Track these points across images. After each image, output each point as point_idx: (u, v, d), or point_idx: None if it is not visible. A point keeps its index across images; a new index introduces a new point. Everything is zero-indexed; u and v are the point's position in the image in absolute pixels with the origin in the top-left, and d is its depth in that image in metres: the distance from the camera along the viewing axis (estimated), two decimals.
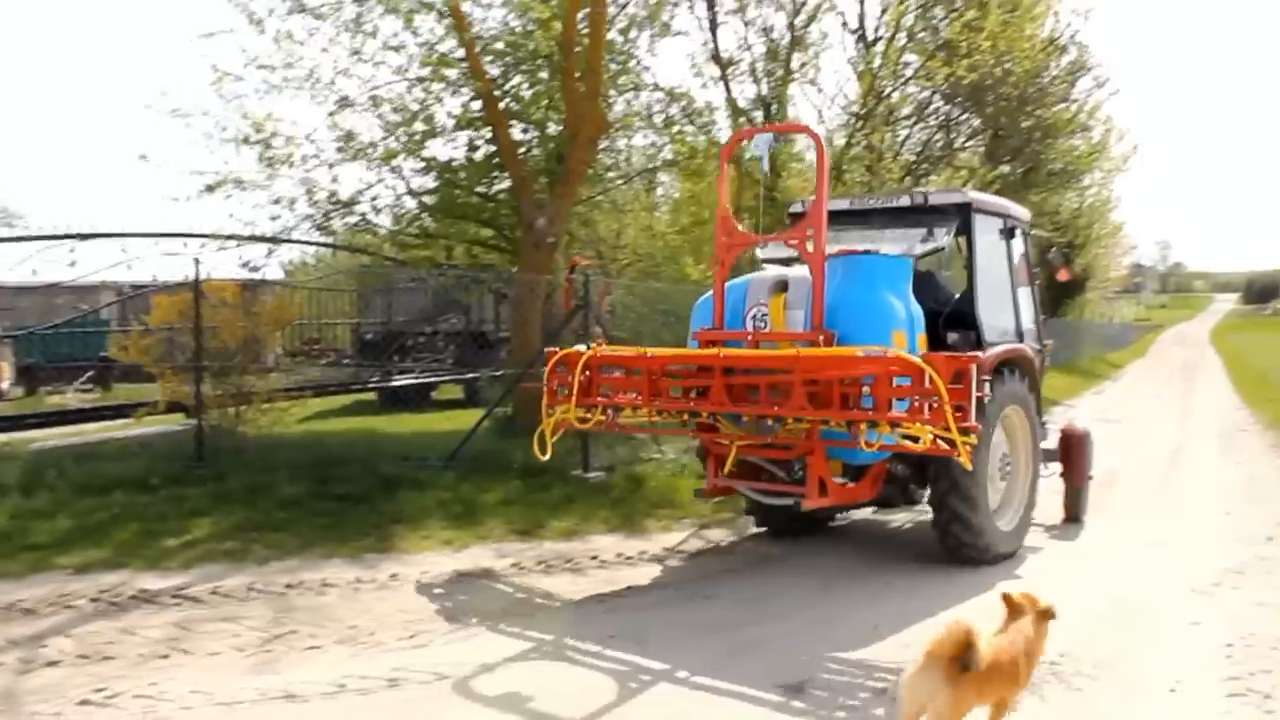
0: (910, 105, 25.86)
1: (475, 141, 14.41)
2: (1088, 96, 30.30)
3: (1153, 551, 9.41)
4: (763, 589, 8.00)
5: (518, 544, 9.18)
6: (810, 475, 7.98)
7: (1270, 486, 13.15)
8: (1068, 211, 38.97)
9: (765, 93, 19.83)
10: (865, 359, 7.19)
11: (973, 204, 9.26)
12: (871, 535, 10.28)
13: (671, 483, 11.60)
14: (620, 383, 8.57)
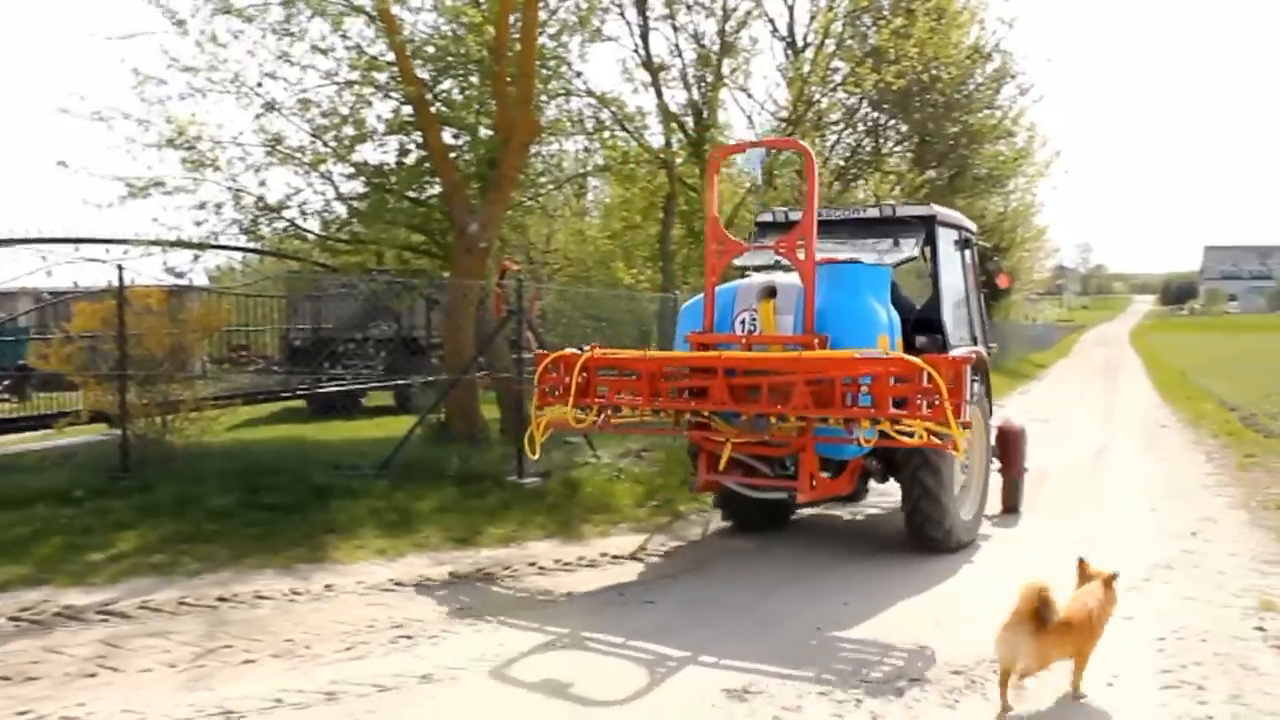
0: (839, 111, 26.16)
1: (406, 146, 14.27)
2: (1012, 103, 30.94)
3: (1083, 548, 9.55)
4: (705, 592, 8.02)
5: (454, 552, 9.09)
6: (802, 470, 8.45)
7: (1191, 483, 13.49)
8: (993, 215, 39.64)
9: (697, 98, 19.88)
10: (866, 360, 7.73)
11: (936, 217, 9.98)
12: (817, 531, 10.39)
13: (607, 487, 11.59)
14: (618, 384, 8.96)
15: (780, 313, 8.76)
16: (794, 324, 8.66)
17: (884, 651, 6.44)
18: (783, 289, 8.84)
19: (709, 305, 9.10)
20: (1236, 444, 17.00)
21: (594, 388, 8.88)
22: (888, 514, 11.50)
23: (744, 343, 8.74)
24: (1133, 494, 12.78)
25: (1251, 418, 20.52)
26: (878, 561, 9.12)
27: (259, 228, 14.00)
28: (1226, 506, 11.70)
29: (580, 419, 8.89)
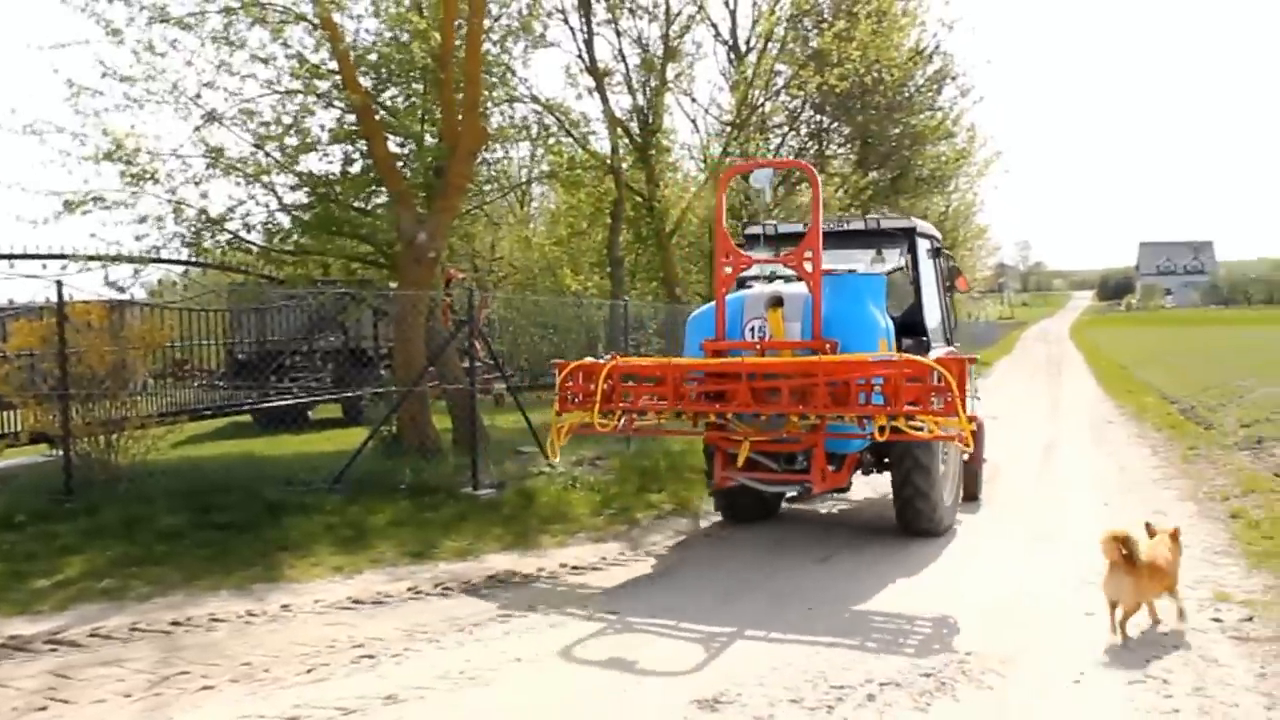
0: (782, 114, 26.30)
1: (351, 155, 14.09)
2: (953, 105, 31.28)
3: (1041, 544, 9.69)
4: (668, 601, 7.97)
5: (412, 566, 8.97)
6: (815, 464, 9.21)
7: (1140, 476, 13.69)
8: (935, 215, 40.07)
9: (642, 103, 19.88)
10: (882, 362, 8.53)
11: (916, 229, 10.96)
12: (788, 529, 10.42)
13: (563, 497, 11.51)
14: (642, 389, 9.63)
15: (788, 320, 9.52)
16: (801, 330, 9.44)
17: (852, 656, 6.43)
18: (789, 298, 9.60)
19: (720, 314, 9.70)
20: (1179, 437, 17.28)
21: (618, 394, 9.47)
22: (856, 507, 11.94)
23: (759, 349, 9.46)
24: (1085, 488, 12.94)
25: (1191, 410, 20.89)
26: (839, 562, 9.14)
27: (202, 241, 13.74)
28: (1175, 499, 11.88)
29: (604, 423, 9.37)
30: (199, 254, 14.11)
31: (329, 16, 12.60)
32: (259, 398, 18.64)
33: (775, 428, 9.15)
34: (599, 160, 18.77)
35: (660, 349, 22.86)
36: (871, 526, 10.79)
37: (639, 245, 23.49)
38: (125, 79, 13.04)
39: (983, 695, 5.48)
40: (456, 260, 18.60)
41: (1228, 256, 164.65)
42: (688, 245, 25.30)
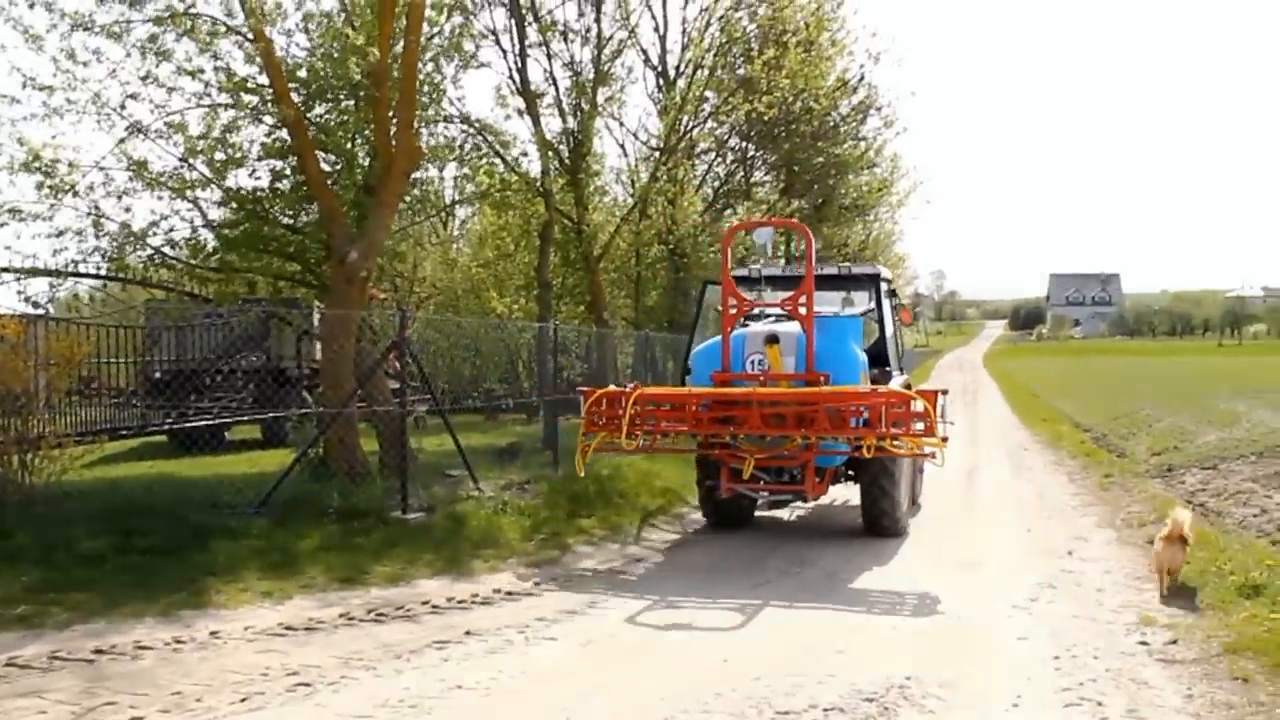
0: (710, 140, 26.53)
1: (281, 171, 13.88)
2: (876, 135, 31.75)
3: (970, 571, 9.89)
4: (605, 627, 7.95)
5: (342, 592, 8.82)
6: (809, 477, 10.98)
7: (1060, 502, 14.06)
8: (855, 243, 40.64)
9: (573, 126, 19.91)
10: (871, 393, 10.36)
11: (880, 274, 13.02)
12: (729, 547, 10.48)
13: (493, 521, 11.42)
14: (664, 414, 11.22)
15: (784, 355, 11.18)
16: (796, 364, 11.13)
17: (794, 682, 6.47)
18: (784, 336, 11.29)
19: (726, 349, 11.35)
20: (1094, 464, 17.75)
21: (643, 418, 10.97)
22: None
23: (761, 380, 11.07)
24: (1008, 514, 13.25)
25: (1104, 439, 21.45)
26: (776, 588, 9.21)
27: (124, 256, 13.40)
28: (1095, 525, 12.21)
29: (629, 443, 10.82)
30: (120, 269, 13.75)
31: (262, 30, 12.42)
32: (177, 417, 18.19)
33: (777, 447, 10.83)
34: (529, 182, 18.73)
35: (584, 373, 22.92)
36: (810, 542, 10.91)
37: (567, 268, 23.48)
38: (44, 88, 12.69)
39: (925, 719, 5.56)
40: (378, 281, 18.38)
41: (1133, 289, 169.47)
42: (615, 270, 25.35)
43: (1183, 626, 7.62)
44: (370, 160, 13.87)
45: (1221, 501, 12.70)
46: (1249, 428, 19.32)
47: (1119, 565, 9.98)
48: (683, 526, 12.86)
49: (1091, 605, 8.43)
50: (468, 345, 26.77)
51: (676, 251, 24.13)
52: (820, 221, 31.42)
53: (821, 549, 11.28)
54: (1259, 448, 16.41)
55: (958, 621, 8.01)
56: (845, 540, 11.90)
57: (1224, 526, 11.27)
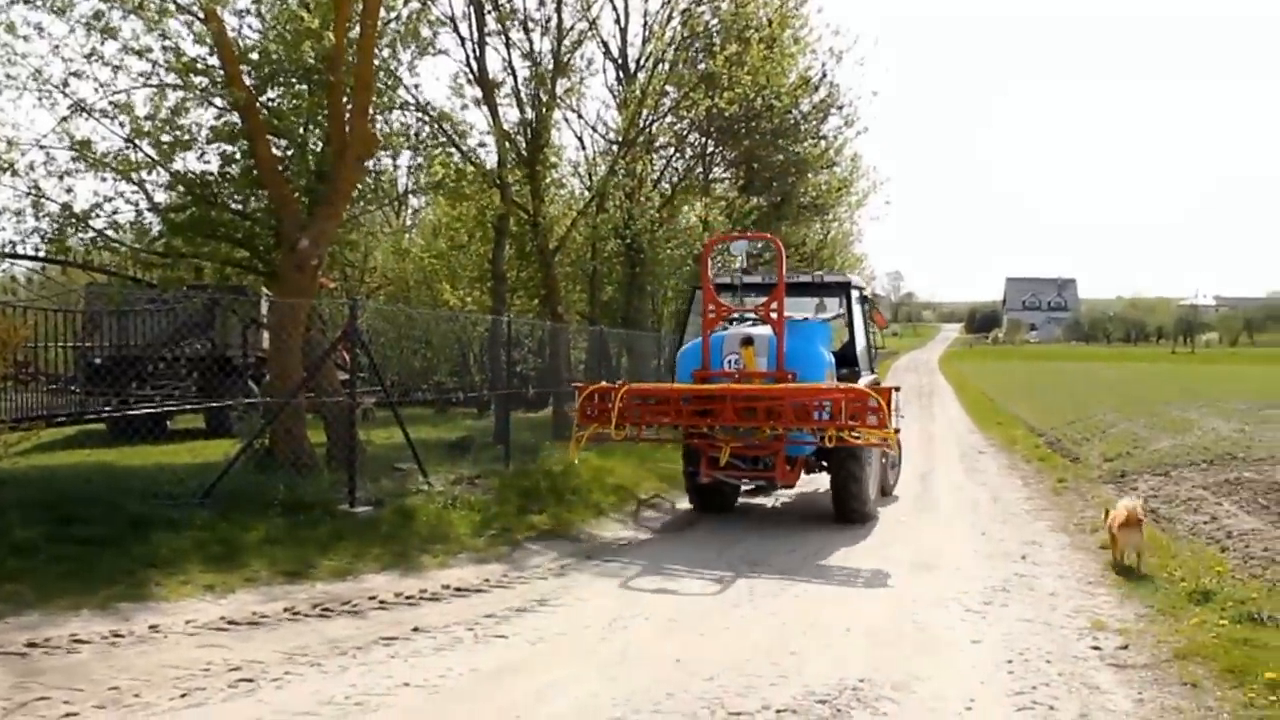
0: (669, 135, 26.52)
1: (231, 155, 13.69)
2: (837, 134, 31.83)
3: (924, 574, 9.99)
4: (556, 625, 7.95)
5: (287, 586, 8.74)
6: (779, 465, 12.40)
7: (1014, 507, 14.25)
8: (814, 243, 40.79)
9: (530, 117, 19.81)
10: (832, 389, 11.86)
11: (850, 283, 14.46)
12: (695, 540, 10.45)
13: (443, 516, 11.38)
14: (648, 407, 12.74)
15: (758, 355, 12.61)
16: (768, 363, 12.59)
17: (747, 683, 6.49)
18: (758, 338, 12.68)
19: (706, 350, 12.84)
20: (1048, 469, 18.02)
21: (629, 411, 12.49)
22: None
23: (736, 377, 12.51)
24: (962, 517, 13.42)
25: (1058, 444, 21.77)
26: (732, 588, 9.25)
27: (64, 238, 13.15)
28: (1048, 530, 12.40)
29: (619, 433, 12.43)
30: (60, 251, 13.49)
31: (213, 10, 12.25)
32: (117, 405, 17.90)
33: (749, 437, 12.25)
34: (485, 173, 18.63)
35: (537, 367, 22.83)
36: (770, 539, 10.96)
37: (521, 261, 23.38)
38: None
39: None
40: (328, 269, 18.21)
41: (1089, 294, 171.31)
42: (570, 264, 25.29)
43: (1134, 632, 7.75)
44: (323, 146, 13.72)
45: (1173, 508, 12.93)
46: (1200, 435, 19.69)
47: (1072, 570, 10.14)
48: (636, 524, 12.88)
49: (1045, 609, 8.55)
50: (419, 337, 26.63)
51: (633, 246, 24.06)
52: (778, 220, 31.46)
53: (779, 546, 11.41)
54: (1210, 455, 16.74)
55: (912, 624, 8.09)
56: (805, 535, 12.19)
57: (1175, 533, 11.50)
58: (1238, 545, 10.44)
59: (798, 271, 15.57)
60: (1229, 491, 13.52)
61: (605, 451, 15.47)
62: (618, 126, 24.57)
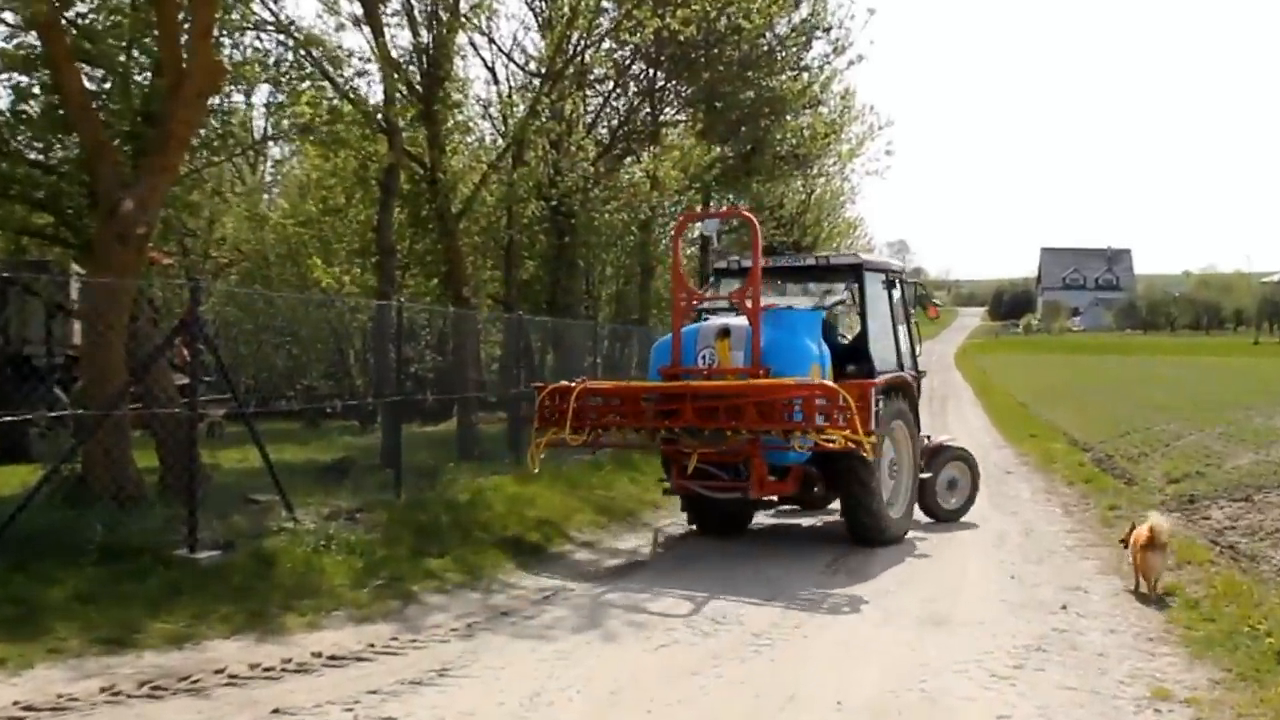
0: (608, 66, 26.52)
1: (28, 89, 13.49)
2: (824, 64, 31.98)
3: (937, 629, 10.05)
4: (458, 703, 7.91)
5: (106, 658, 8.65)
6: (754, 474, 13.40)
7: (1050, 541, 14.42)
8: (794, 204, 41.01)
9: (427, 41, 19.71)
10: (796, 385, 12.82)
11: (863, 265, 15.34)
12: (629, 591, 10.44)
13: (313, 562, 11.33)
14: (606, 408, 14.11)
15: (734, 349, 13.79)
16: (744, 358, 13.69)
17: None
18: (734, 330, 13.95)
19: (676, 343, 14.17)
20: (1095, 493, 18.25)
21: (586, 412, 13.80)
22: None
23: (705, 374, 13.80)
24: (985, 556, 13.57)
25: (1108, 461, 22.05)
26: (684, 652, 9.26)
27: None
28: (1096, 572, 12.54)
29: (575, 437, 13.71)
30: None
31: None
32: None
33: (718, 442, 13.20)
34: (367, 114, 18.53)
35: (437, 367, 22.77)
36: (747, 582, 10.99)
37: (416, 229, 23.31)
38: None
39: None
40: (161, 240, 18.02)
41: (1147, 269, 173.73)
42: (480, 233, 25.21)
43: (1206, 703, 7.85)
44: (152, 78, 13.59)
45: (1256, 542, 13.11)
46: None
47: (1127, 622, 10.25)
48: (565, 568, 12.88)
49: (1091, 674, 8.62)
50: (282, 329, 26.48)
51: (561, 210, 24.09)
52: (749, 175, 31.66)
53: (754, 591, 11.50)
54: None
55: (920, 695, 8.13)
56: (790, 576, 12.36)
57: (1259, 574, 11.64)
58: None
59: (801, 256, 17.42)
60: None
61: (527, 476, 15.43)
62: (540, 54, 24.56)
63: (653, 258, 30.64)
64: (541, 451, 13.96)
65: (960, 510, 16.56)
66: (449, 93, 20.43)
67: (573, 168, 24.19)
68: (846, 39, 31.38)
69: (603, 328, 27.33)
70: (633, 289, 33.51)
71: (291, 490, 12.96)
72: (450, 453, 18.39)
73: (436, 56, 19.84)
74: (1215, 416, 26.32)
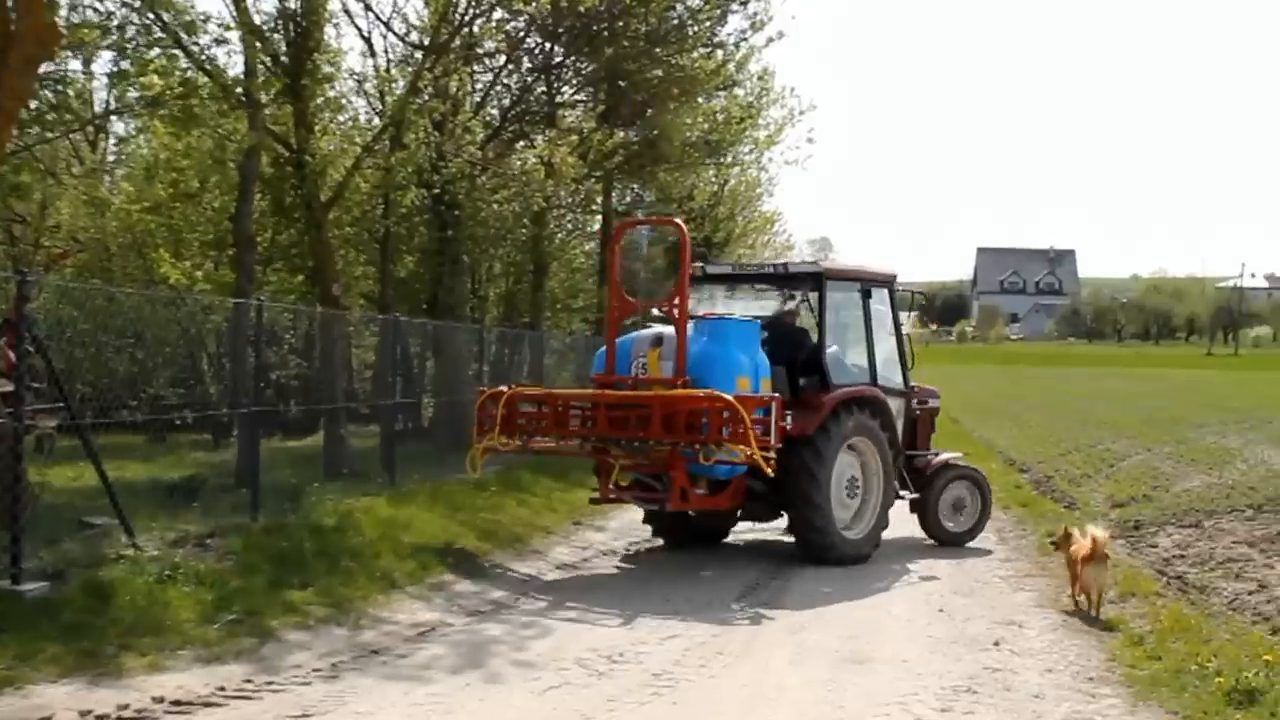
0: (499, 39, 26.44)
1: None
2: (740, 40, 31.99)
3: (857, 669, 10.13)
4: None
5: None
6: (673, 485, 14.15)
7: (983, 573, 14.64)
8: (705, 196, 41.14)
9: (294, 5, 19.51)
10: (697, 396, 13.94)
11: (824, 272, 16.29)
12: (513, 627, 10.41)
13: (156, 594, 11.12)
14: (534, 415, 15.59)
15: (664, 359, 14.87)
16: (673, 368, 14.66)
17: None
18: (666, 339, 14.96)
19: (610, 352, 15.45)
20: (1032, 518, 18.58)
21: (514, 419, 15.29)
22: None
23: (631, 383, 15.02)
24: (911, 587, 13.77)
25: (1047, 482, 22.43)
26: (571, 695, 9.25)
27: None
28: (1032, 605, 12.74)
29: (506, 443, 15.17)
30: None
31: None
32: None
33: (642, 451, 14.40)
34: (225, 88, 18.33)
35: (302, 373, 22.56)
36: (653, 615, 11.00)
37: (280, 219, 23.11)
38: None
39: None
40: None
41: (1093, 272, 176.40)
42: (353, 224, 25.05)
43: None
44: None
45: (1206, 573, 13.35)
46: (1245, 470, 20.46)
47: (1065, 660, 10.41)
48: (445, 602, 12.82)
49: (1026, 718, 8.74)
50: (125, 329, 26.01)
51: (444, 199, 23.98)
52: (655, 163, 31.72)
53: (658, 626, 11.52)
54: (1257, 498, 17.34)
55: None
56: (698, 609, 12.36)
57: (1209, 607, 11.86)
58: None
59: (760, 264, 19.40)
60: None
61: (402, 497, 15.37)
62: (423, 23, 24.46)
63: (547, 254, 30.61)
64: (483, 457, 15.40)
65: (966, 534, 17.22)
66: (319, 65, 20.23)
67: (458, 152, 24.10)
68: (766, 13, 31.35)
69: (490, 331, 27.27)
70: (524, 289, 33.43)
71: (133, 512, 12.80)
72: (315, 470, 18.23)
73: (305, 24, 19.67)
74: (1164, 434, 26.86)
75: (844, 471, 15.45)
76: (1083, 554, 11.51)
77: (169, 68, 16.25)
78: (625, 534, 17.46)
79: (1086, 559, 11.47)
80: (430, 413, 25.53)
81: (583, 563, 15.35)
